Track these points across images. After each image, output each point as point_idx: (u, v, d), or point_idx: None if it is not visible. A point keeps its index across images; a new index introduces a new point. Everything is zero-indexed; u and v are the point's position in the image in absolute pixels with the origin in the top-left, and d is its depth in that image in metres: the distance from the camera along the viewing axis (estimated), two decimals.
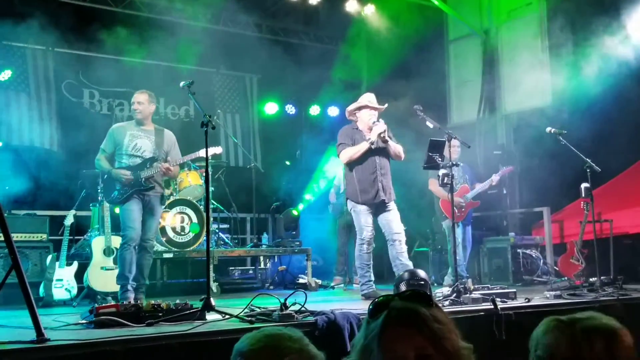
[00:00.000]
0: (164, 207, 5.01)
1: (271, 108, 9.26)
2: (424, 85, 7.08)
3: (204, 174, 5.66)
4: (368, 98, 5.11)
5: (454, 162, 4.76)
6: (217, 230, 6.83)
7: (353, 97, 5.55)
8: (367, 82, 9.46)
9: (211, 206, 6.71)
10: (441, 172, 4.62)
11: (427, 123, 4.84)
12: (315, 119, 9.45)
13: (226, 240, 6.94)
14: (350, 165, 5.02)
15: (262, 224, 8.05)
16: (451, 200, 4.60)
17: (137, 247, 4.62)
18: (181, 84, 4.21)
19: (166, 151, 4.79)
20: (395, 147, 4.96)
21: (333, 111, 9.47)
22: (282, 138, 8.87)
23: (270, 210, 7.86)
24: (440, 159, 4.66)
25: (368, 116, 5.02)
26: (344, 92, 7.86)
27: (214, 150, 4.90)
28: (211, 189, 6.71)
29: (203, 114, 3.72)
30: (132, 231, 4.55)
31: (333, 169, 7.26)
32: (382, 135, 4.85)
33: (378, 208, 4.97)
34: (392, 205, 5.01)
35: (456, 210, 6.04)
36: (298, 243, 6.99)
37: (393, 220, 4.94)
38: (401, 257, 4.84)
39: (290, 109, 9.47)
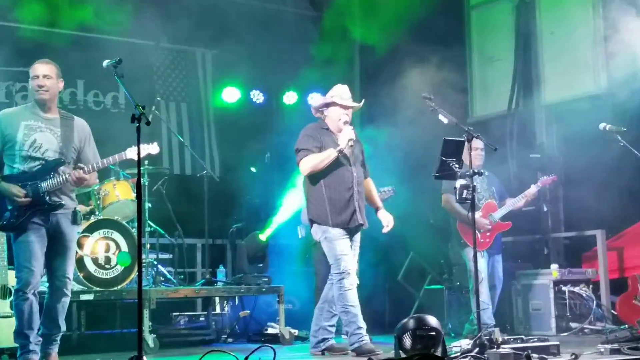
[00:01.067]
0: (79, 229, 4.99)
1: (231, 95, 9.20)
2: (436, 65, 7.18)
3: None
4: (338, 91, 5.28)
5: (477, 170, 4.86)
6: (155, 262, 6.82)
7: (342, 81, 5.67)
8: (362, 62, 9.41)
9: (147, 229, 6.76)
10: (459, 183, 4.70)
11: (440, 117, 4.93)
12: (290, 110, 9.27)
13: (168, 275, 6.95)
14: (316, 177, 5.16)
15: (217, 253, 8.05)
16: (472, 221, 4.71)
17: (37, 293, 4.58)
18: (104, 63, 4.26)
19: (78, 149, 4.73)
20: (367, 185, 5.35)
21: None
22: (246, 136, 8.85)
23: (229, 234, 7.86)
24: (457, 166, 4.73)
25: (338, 114, 5.20)
26: (330, 75, 7.86)
27: (148, 149, 4.92)
28: (147, 205, 6.70)
29: (134, 104, 3.77)
30: (29, 273, 4.46)
31: None
32: (350, 143, 5.08)
33: (352, 234, 5.20)
34: (358, 236, 5.30)
35: (479, 235, 6.11)
36: (266, 279, 7.01)
37: (354, 255, 5.22)
38: None
39: (257, 97, 9.42)
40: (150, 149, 4.98)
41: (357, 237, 5.29)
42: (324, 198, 5.13)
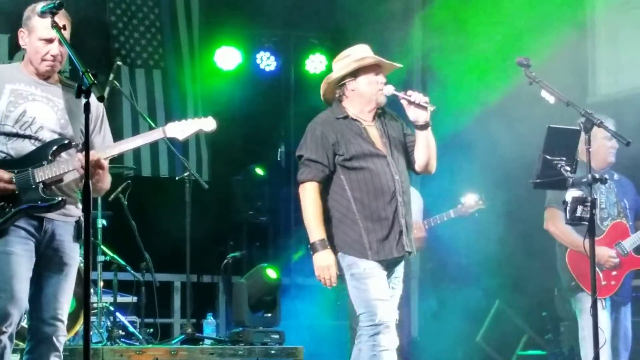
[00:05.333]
0: (81, 247, 4.88)
1: (228, 58, 9.02)
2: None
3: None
4: (360, 52, 5.12)
5: (598, 175, 4.79)
6: (111, 309, 6.79)
7: (392, 42, 5.85)
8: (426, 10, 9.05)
9: (100, 259, 6.77)
10: (570, 195, 4.68)
11: (544, 93, 4.90)
12: (316, 83, 9.22)
13: (130, 328, 6.84)
14: (336, 187, 5.04)
15: (204, 295, 7.88)
16: (591, 253, 4.64)
17: (15, 335, 4.38)
18: (38, 7, 4.21)
19: (90, 129, 4.61)
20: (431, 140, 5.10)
21: None
22: (250, 121, 8.78)
23: (223, 268, 7.65)
24: (568, 167, 4.75)
25: (373, 84, 5.02)
26: (377, 30, 7.60)
27: (197, 124, 4.63)
28: (100, 223, 6.75)
29: (82, 71, 3.70)
30: (9, 301, 4.27)
31: None
32: (413, 98, 4.83)
33: (393, 265, 5.08)
34: (401, 269, 5.15)
35: (601, 274, 5.84)
36: (277, 336, 6.80)
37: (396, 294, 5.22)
38: None
39: (267, 61, 9.19)
40: (202, 124, 4.69)
41: (399, 270, 5.13)
42: (352, 215, 4.93)
